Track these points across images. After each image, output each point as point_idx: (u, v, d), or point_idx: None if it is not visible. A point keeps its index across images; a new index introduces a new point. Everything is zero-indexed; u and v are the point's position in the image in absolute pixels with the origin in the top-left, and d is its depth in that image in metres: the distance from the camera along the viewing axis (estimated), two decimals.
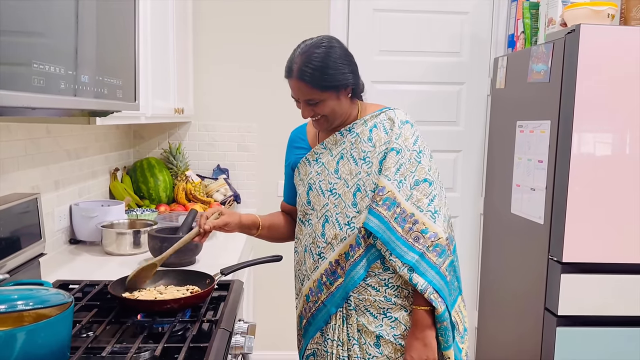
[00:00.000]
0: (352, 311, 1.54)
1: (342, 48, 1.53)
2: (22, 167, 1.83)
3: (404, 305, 1.53)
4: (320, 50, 1.49)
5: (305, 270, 1.64)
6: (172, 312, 1.44)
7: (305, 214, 1.65)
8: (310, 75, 1.47)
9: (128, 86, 1.54)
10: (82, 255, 2.12)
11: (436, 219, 1.49)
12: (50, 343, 1.03)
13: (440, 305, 1.46)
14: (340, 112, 1.56)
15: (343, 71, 1.50)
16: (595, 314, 2.35)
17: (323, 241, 1.58)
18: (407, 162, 1.51)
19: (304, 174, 1.65)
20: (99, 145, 2.57)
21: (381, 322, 1.53)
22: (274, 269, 2.12)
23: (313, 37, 1.54)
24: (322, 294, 1.59)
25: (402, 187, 1.49)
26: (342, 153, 1.59)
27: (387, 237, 1.46)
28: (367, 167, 1.54)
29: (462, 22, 3.22)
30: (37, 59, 1.00)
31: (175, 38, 2.62)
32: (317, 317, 1.60)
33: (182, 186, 2.95)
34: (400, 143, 1.52)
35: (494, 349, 2.94)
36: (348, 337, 1.54)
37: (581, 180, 2.29)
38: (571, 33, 2.27)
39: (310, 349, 1.64)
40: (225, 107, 3.18)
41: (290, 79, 1.52)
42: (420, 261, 1.46)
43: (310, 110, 1.54)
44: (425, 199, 1.49)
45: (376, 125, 1.57)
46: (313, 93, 1.50)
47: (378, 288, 1.52)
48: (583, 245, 2.32)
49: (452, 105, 3.28)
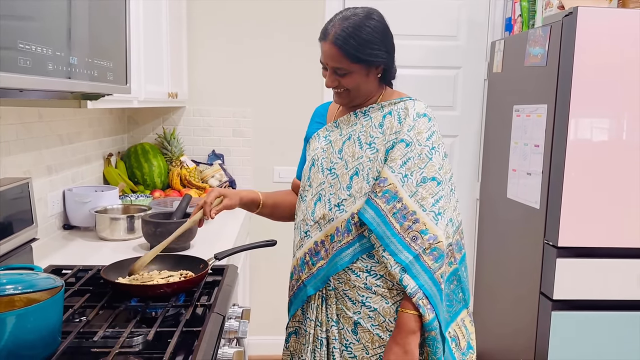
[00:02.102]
0: (331, 292, 1.51)
1: (383, 24, 1.48)
2: (13, 152, 1.81)
3: (384, 296, 1.45)
4: (357, 19, 1.43)
5: (294, 247, 1.62)
6: (166, 296, 1.43)
7: (303, 190, 1.61)
8: (344, 42, 1.41)
9: (119, 69, 1.52)
10: (76, 241, 2.11)
11: (439, 221, 1.41)
12: (40, 328, 1.02)
13: (428, 313, 1.36)
14: (365, 91, 1.51)
15: (378, 47, 1.44)
16: (591, 298, 2.35)
17: (312, 219, 1.54)
18: (416, 156, 1.43)
19: (312, 149, 1.61)
20: (93, 130, 2.55)
21: (359, 309, 1.47)
22: (270, 254, 2.12)
23: (357, 7, 1.49)
24: (304, 273, 1.56)
25: (407, 183, 1.41)
26: (351, 134, 1.54)
27: (382, 232, 1.40)
28: (371, 153, 1.48)
29: (459, 6, 3.19)
30: (22, 39, 0.98)
31: (169, 22, 2.58)
32: (298, 296, 1.58)
33: (176, 172, 2.93)
34: (411, 136, 1.45)
35: (489, 333, 2.95)
36: (327, 319, 1.51)
37: (577, 165, 2.28)
38: (569, 16, 2.24)
39: (292, 326, 1.62)
40: (220, 92, 3.15)
41: (325, 41, 1.46)
42: (414, 263, 1.38)
43: (335, 79, 1.48)
44: (430, 198, 1.41)
45: (391, 112, 1.51)
46: (343, 62, 1.44)
47: (358, 273, 1.46)
48: (579, 230, 2.31)
49: (448, 90, 3.26)
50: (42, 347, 1.05)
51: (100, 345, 1.16)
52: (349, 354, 1.49)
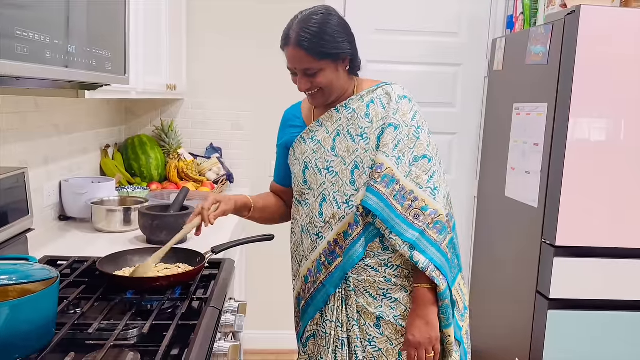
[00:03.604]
0: (351, 292, 1.52)
1: (339, 17, 1.51)
2: (9, 141, 1.79)
3: (404, 286, 1.51)
4: (318, 17, 1.46)
5: (303, 250, 1.62)
6: (162, 289, 1.42)
7: (302, 194, 1.62)
8: (309, 41, 1.44)
9: (117, 59, 1.50)
10: (72, 232, 2.09)
11: (436, 195, 1.47)
12: (34, 319, 1.02)
13: (442, 283, 1.43)
14: (338, 85, 1.53)
15: (341, 40, 1.47)
16: (587, 298, 2.35)
17: (321, 221, 1.55)
18: (405, 137, 1.48)
19: (299, 153, 1.62)
20: (90, 121, 2.53)
21: (381, 303, 1.51)
22: (267, 248, 2.11)
23: (311, 7, 1.51)
24: (321, 274, 1.56)
25: (401, 164, 1.46)
26: (339, 130, 1.55)
27: (387, 215, 1.44)
28: (365, 143, 1.51)
29: (461, 2, 3.17)
30: (20, 26, 0.97)
31: (169, 13, 2.56)
32: (316, 298, 1.58)
33: (174, 164, 2.91)
34: (398, 118, 1.49)
35: (485, 330, 2.95)
36: (348, 318, 1.53)
37: (577, 164, 2.27)
38: (571, 14, 2.23)
39: (309, 330, 1.62)
40: (219, 85, 3.13)
41: (287, 47, 1.48)
42: (421, 239, 1.44)
43: (307, 81, 1.50)
44: (424, 175, 1.47)
45: (373, 100, 1.54)
46: (311, 61, 1.46)
47: (377, 268, 1.50)
48: (577, 229, 2.31)
49: (448, 87, 3.25)
50: (36, 339, 1.04)
51: (95, 338, 1.15)
52: (373, 348, 1.52)
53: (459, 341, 1.56)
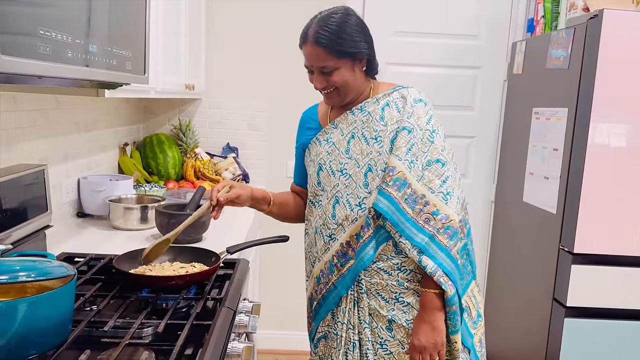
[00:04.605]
0: (363, 294, 1.51)
1: (358, 18, 1.52)
2: (30, 138, 1.81)
3: (416, 290, 1.50)
4: (337, 16, 1.47)
5: (316, 252, 1.62)
6: (177, 288, 1.42)
7: (315, 195, 1.62)
8: (327, 39, 1.44)
9: (137, 58, 1.51)
10: (89, 229, 2.11)
11: (448, 200, 1.45)
12: (51, 315, 1.02)
13: (449, 289, 1.42)
14: (353, 86, 1.52)
15: (359, 39, 1.48)
16: (605, 306, 2.32)
17: (334, 222, 1.55)
18: (419, 141, 1.47)
19: (314, 155, 1.62)
20: (109, 119, 2.55)
21: (393, 306, 1.50)
22: (281, 249, 2.11)
23: (331, 7, 1.53)
24: (333, 275, 1.56)
25: (414, 168, 1.45)
26: (354, 132, 1.55)
27: (397, 219, 1.43)
28: (379, 146, 1.51)
29: (481, 5, 3.14)
30: (43, 25, 0.98)
31: (188, 13, 2.58)
32: (327, 299, 1.58)
33: (191, 163, 2.93)
34: (412, 122, 1.49)
35: (500, 337, 2.92)
36: (359, 321, 1.52)
37: (597, 170, 2.24)
38: (593, 18, 2.20)
39: (320, 331, 1.62)
40: (236, 85, 3.14)
41: (305, 45, 1.49)
42: (430, 243, 1.43)
43: (323, 80, 1.50)
44: (437, 179, 1.46)
45: (388, 103, 1.54)
46: (328, 59, 1.46)
47: (390, 272, 1.49)
48: (595, 237, 2.28)
49: (467, 90, 3.22)
50: (53, 335, 1.05)
51: (111, 336, 1.16)
52: (384, 351, 1.51)
53: (469, 349, 1.55)
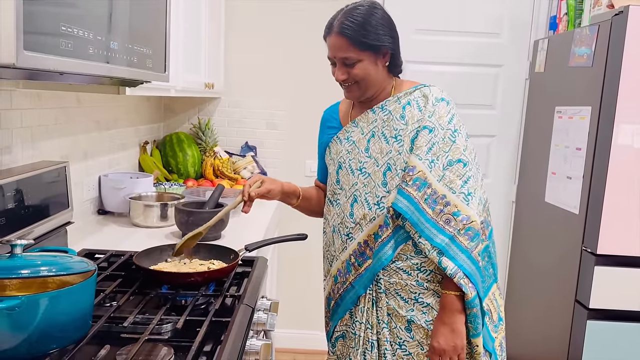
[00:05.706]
0: (382, 294, 1.50)
1: (384, 12, 1.51)
2: (52, 136, 1.84)
3: (436, 291, 1.47)
4: (362, 8, 1.47)
5: (334, 251, 1.61)
6: (196, 285, 1.43)
7: (334, 194, 1.61)
8: (351, 30, 1.44)
9: (158, 56, 1.52)
10: (110, 226, 2.13)
11: (469, 201, 1.43)
12: (72, 310, 1.03)
13: (470, 291, 1.40)
14: (374, 80, 1.51)
15: (383, 33, 1.47)
16: (629, 309, 2.27)
17: (351, 221, 1.54)
18: (440, 141, 1.45)
19: (335, 153, 1.61)
20: (130, 118, 2.58)
21: (412, 306, 1.48)
22: (299, 247, 2.11)
23: (355, 1, 1.52)
24: (351, 275, 1.55)
25: (434, 168, 1.43)
26: (374, 131, 1.54)
27: (416, 219, 1.41)
28: (399, 145, 1.49)
29: (503, 2, 3.10)
30: (65, 22, 0.98)
31: (208, 12, 2.59)
32: (345, 298, 1.57)
33: (210, 162, 2.94)
34: (433, 121, 1.47)
35: (520, 339, 2.88)
36: (378, 320, 1.51)
37: (621, 170, 2.19)
38: (618, 15, 2.16)
39: (338, 330, 1.61)
40: (255, 84, 3.15)
41: (330, 35, 1.48)
42: (451, 244, 1.40)
43: (344, 71, 1.49)
44: (458, 180, 1.43)
45: (410, 102, 1.52)
46: (351, 50, 1.45)
47: (410, 272, 1.47)
48: (619, 238, 2.23)
49: (488, 88, 3.18)
50: (73, 330, 1.05)
51: (130, 331, 1.16)
52: (403, 351, 1.50)
53: (490, 352, 1.52)
